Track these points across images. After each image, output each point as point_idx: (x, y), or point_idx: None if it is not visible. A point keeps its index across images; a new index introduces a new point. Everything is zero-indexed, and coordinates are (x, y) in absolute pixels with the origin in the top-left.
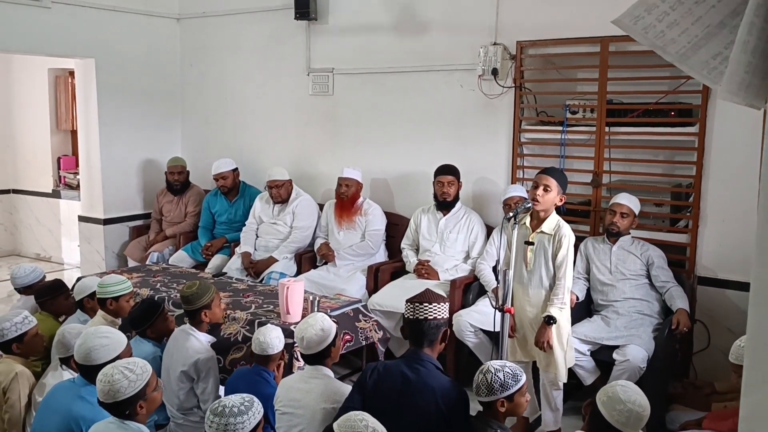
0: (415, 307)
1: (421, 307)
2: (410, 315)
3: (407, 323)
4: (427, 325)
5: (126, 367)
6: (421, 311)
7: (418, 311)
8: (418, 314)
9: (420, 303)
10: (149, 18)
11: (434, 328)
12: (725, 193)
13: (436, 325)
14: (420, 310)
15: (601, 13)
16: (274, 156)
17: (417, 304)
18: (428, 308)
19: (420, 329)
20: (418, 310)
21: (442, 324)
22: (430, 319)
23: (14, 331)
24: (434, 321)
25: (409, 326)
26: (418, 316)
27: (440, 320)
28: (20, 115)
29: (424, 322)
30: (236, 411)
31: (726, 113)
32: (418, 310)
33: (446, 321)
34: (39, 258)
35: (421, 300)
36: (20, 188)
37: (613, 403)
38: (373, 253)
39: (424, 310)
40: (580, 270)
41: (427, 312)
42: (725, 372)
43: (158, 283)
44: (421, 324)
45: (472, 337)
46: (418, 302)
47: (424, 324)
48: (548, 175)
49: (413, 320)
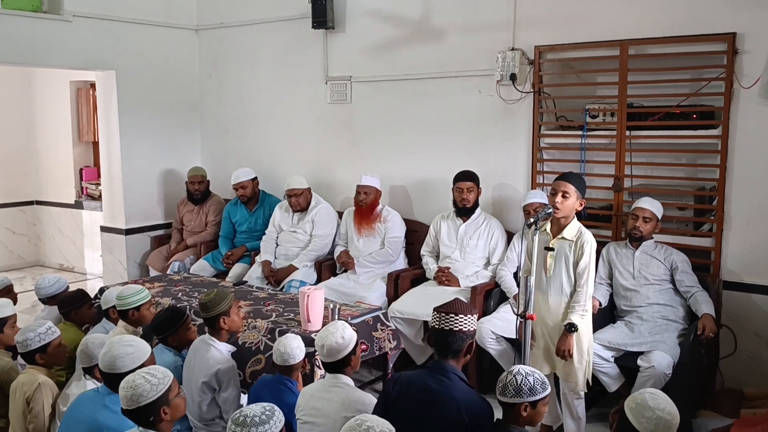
0: (441, 317)
1: (447, 318)
2: (436, 324)
3: (433, 332)
4: (453, 337)
5: (147, 372)
6: (448, 322)
7: (445, 321)
8: (444, 325)
9: (447, 313)
10: (168, 30)
11: (461, 341)
12: (750, 195)
13: (462, 338)
14: (446, 320)
15: (619, 16)
16: (293, 164)
17: (444, 314)
18: (455, 319)
19: (445, 340)
20: (444, 321)
21: (469, 336)
22: (456, 330)
23: (38, 342)
24: (461, 333)
25: (435, 336)
26: (444, 326)
27: (467, 332)
28: (43, 127)
29: (450, 333)
30: (258, 420)
31: (749, 115)
32: (444, 320)
33: (473, 333)
34: (62, 268)
35: (448, 310)
36: (43, 199)
37: (642, 410)
38: (392, 261)
39: (451, 321)
40: (602, 275)
41: (453, 323)
42: (753, 378)
43: (179, 293)
44: (447, 335)
45: (494, 344)
46: (445, 312)
47: (450, 335)
48: (566, 181)
49: (439, 330)
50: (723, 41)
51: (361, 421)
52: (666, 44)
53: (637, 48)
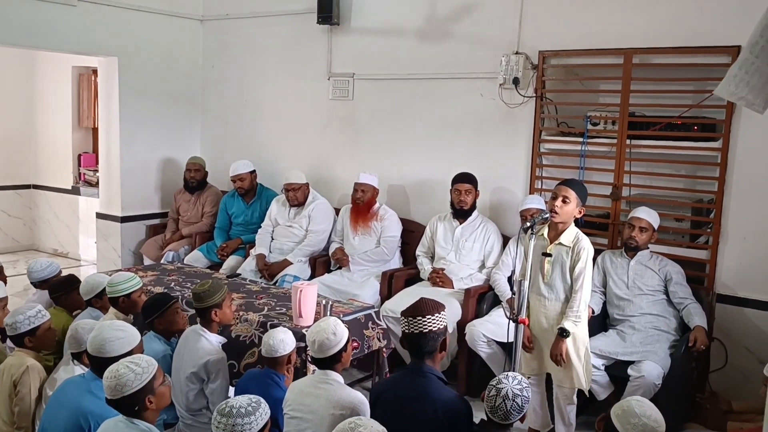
0: (410, 321)
1: (414, 321)
2: (406, 329)
3: (404, 337)
4: (425, 339)
5: (131, 362)
6: (416, 325)
7: (414, 325)
8: (414, 328)
9: (413, 317)
10: (173, 18)
11: (433, 341)
12: (747, 209)
13: (434, 337)
14: (415, 324)
15: (625, 24)
16: (292, 159)
17: (411, 318)
18: (422, 321)
19: (418, 343)
20: (413, 324)
21: (440, 334)
22: (426, 332)
23: (27, 325)
24: (431, 334)
25: (407, 340)
26: (414, 330)
27: (438, 331)
28: (43, 111)
29: (421, 336)
30: (243, 412)
31: (750, 129)
32: (413, 324)
33: (444, 330)
34: (56, 254)
35: (414, 313)
36: (40, 184)
37: (628, 416)
38: (387, 260)
39: (420, 324)
40: (596, 283)
41: (422, 325)
42: (742, 391)
43: (172, 282)
44: (418, 338)
45: (485, 347)
46: (411, 316)
47: (422, 338)
48: (568, 187)
49: (410, 334)
50: (727, 53)
51: (354, 424)
52: (670, 54)
53: (641, 57)
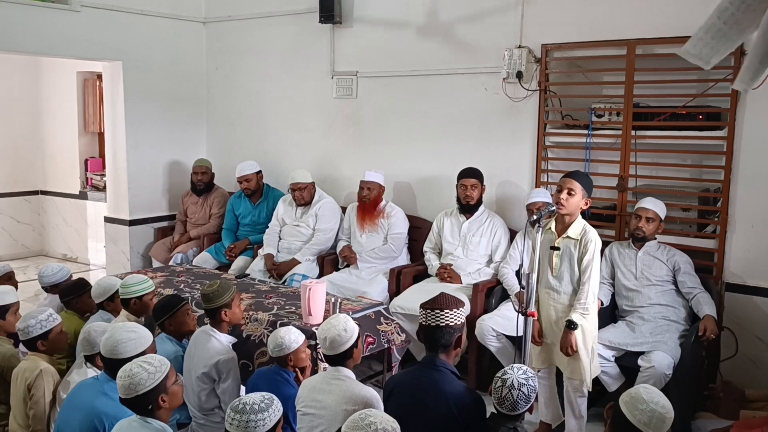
0: (428, 314)
1: (433, 314)
2: (423, 321)
3: (421, 329)
4: (441, 332)
5: (144, 361)
6: (434, 318)
7: (431, 318)
8: (432, 321)
9: (432, 309)
10: (176, 21)
11: (449, 335)
12: (755, 198)
13: (450, 332)
14: (433, 316)
15: (627, 15)
16: (298, 159)
17: (430, 311)
18: (441, 315)
19: (434, 336)
20: (431, 317)
21: (457, 330)
22: (443, 326)
23: (39, 329)
24: (448, 328)
25: (423, 332)
26: (431, 323)
27: (455, 326)
28: (49, 117)
29: (438, 329)
30: (257, 408)
31: (755, 117)
32: (431, 316)
33: (461, 326)
34: (66, 258)
35: (433, 306)
36: (48, 189)
37: (636, 403)
38: (395, 257)
39: (438, 317)
40: (605, 275)
41: (440, 319)
42: (753, 380)
43: (182, 284)
44: (435, 331)
45: (494, 341)
46: (430, 309)
47: (438, 331)
48: (573, 179)
49: (427, 326)
50: None
51: (365, 415)
52: (673, 44)
53: (645, 48)
